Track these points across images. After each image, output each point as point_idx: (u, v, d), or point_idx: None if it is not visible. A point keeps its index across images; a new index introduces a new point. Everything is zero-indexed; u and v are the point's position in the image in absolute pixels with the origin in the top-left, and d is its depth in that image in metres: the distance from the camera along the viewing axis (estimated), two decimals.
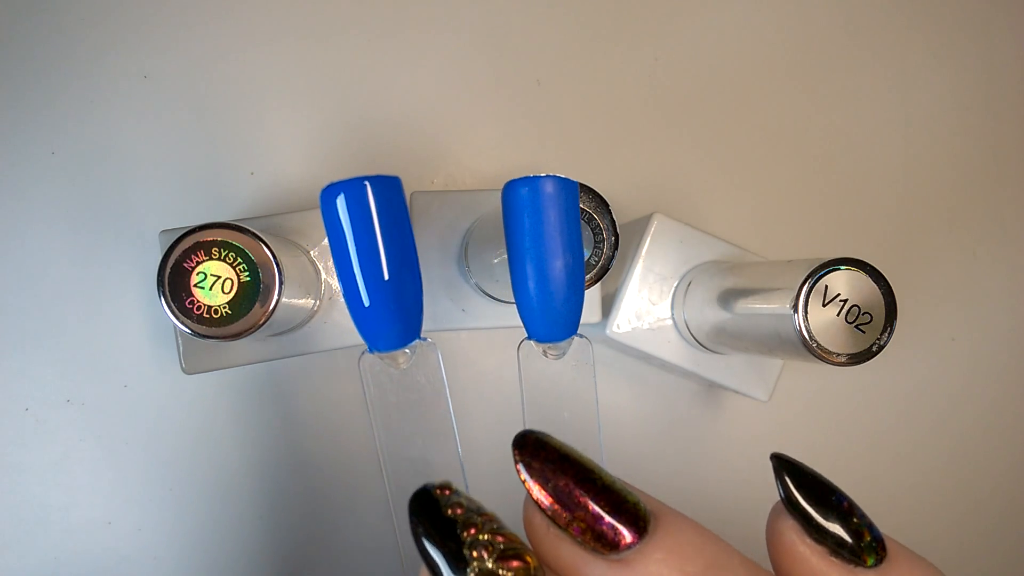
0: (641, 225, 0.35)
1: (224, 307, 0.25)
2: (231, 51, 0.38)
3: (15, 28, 0.36)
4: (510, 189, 0.23)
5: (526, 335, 0.25)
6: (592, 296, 0.33)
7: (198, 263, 0.25)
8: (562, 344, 0.24)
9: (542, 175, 0.22)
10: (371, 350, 0.24)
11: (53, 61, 0.37)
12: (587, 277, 0.28)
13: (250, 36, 0.38)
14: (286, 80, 0.39)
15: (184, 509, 0.37)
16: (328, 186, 0.22)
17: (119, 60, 0.37)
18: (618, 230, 0.27)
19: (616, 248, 0.27)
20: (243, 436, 0.37)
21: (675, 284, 0.34)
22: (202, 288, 0.25)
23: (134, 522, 0.36)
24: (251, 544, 0.37)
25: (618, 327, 0.34)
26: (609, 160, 0.41)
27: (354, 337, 0.32)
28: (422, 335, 0.24)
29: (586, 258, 0.27)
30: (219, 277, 0.25)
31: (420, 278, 0.24)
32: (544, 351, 0.25)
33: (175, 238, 0.25)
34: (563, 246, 0.22)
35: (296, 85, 0.39)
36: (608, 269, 0.28)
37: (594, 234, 0.27)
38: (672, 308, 0.34)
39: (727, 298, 0.30)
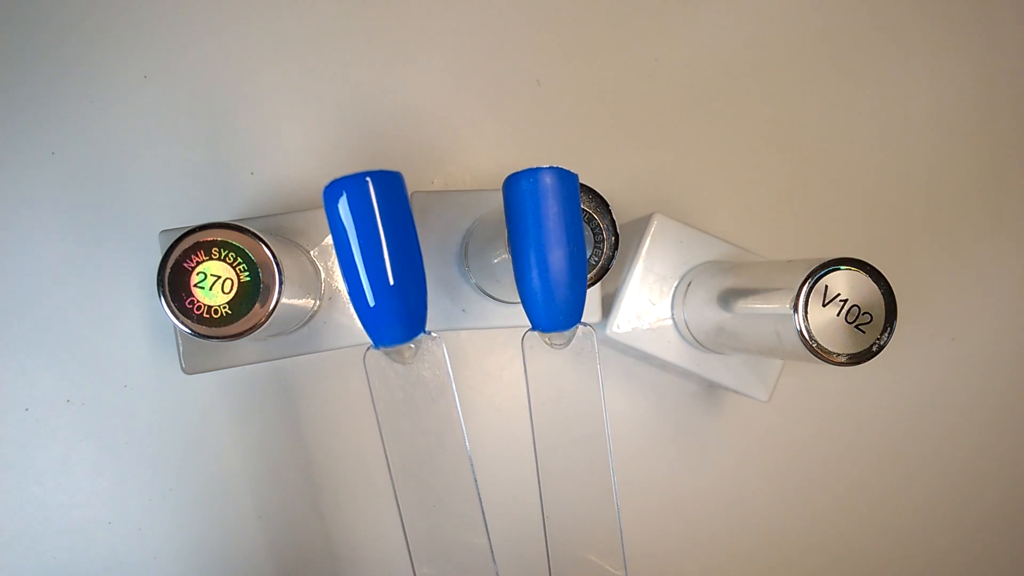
0: (641, 225, 0.35)
1: (224, 307, 0.25)
2: (231, 52, 0.38)
3: (15, 28, 0.36)
4: (512, 182, 0.23)
5: (530, 326, 0.25)
6: (592, 296, 0.33)
7: (198, 263, 0.25)
8: (566, 333, 0.24)
9: (543, 167, 0.22)
10: (376, 346, 0.23)
11: (53, 61, 0.37)
12: (587, 276, 0.28)
13: (250, 37, 0.38)
14: (286, 80, 0.39)
15: (184, 509, 0.37)
16: (331, 183, 0.22)
17: (119, 60, 0.37)
18: (618, 230, 0.27)
19: (616, 248, 0.27)
20: (243, 436, 0.37)
21: (675, 284, 0.34)
22: (202, 288, 0.25)
23: (134, 522, 0.36)
24: (251, 544, 0.37)
25: (618, 327, 0.34)
26: (609, 160, 0.41)
27: (354, 337, 0.32)
28: (426, 329, 0.24)
29: (587, 257, 0.27)
30: (219, 277, 0.25)
31: (423, 272, 0.23)
32: (548, 341, 0.25)
33: (175, 238, 0.25)
34: (565, 236, 0.23)
35: (296, 85, 0.39)
36: (608, 269, 0.28)
37: (594, 234, 0.27)
38: (672, 308, 0.34)
39: (727, 298, 0.30)
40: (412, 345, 0.24)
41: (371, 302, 0.22)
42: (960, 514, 0.44)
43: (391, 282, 0.22)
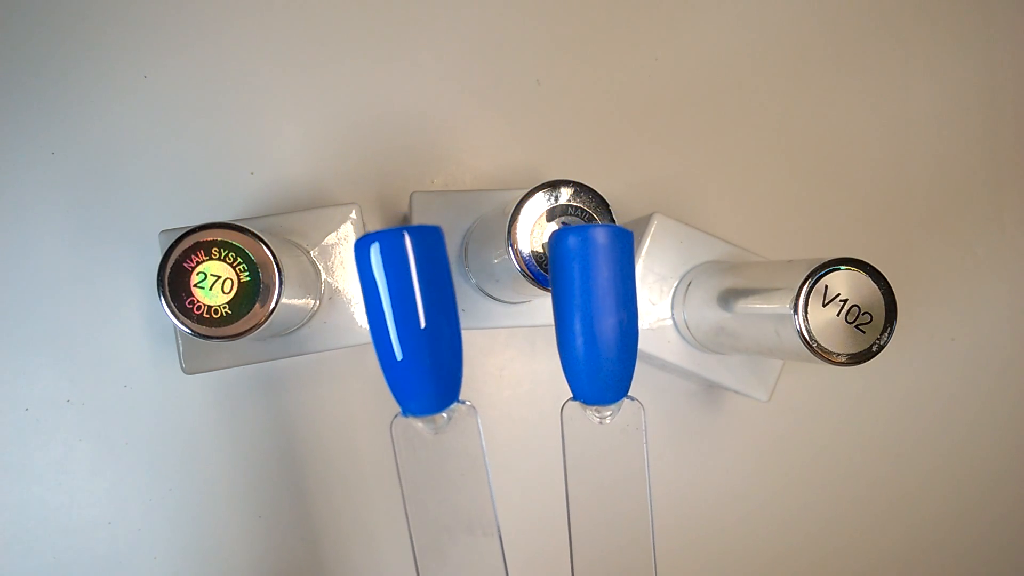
0: (641, 225, 0.35)
1: (224, 307, 0.25)
2: (231, 51, 0.38)
3: (15, 28, 0.36)
4: (558, 240, 0.20)
5: (571, 395, 0.22)
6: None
7: (198, 263, 0.25)
8: (611, 407, 0.22)
9: (595, 224, 0.20)
10: (404, 413, 0.22)
11: (53, 61, 0.37)
12: None
13: (250, 37, 0.38)
14: (286, 80, 0.39)
15: (184, 509, 0.37)
16: (362, 237, 0.20)
17: (119, 60, 0.37)
18: None
19: None
20: (243, 436, 0.37)
21: (675, 284, 0.34)
22: (202, 288, 0.25)
23: (134, 522, 0.36)
24: (250, 544, 0.37)
25: None
26: (609, 160, 0.41)
27: (354, 337, 0.32)
28: (460, 398, 0.22)
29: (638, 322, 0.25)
30: (219, 277, 0.25)
31: (460, 335, 0.21)
32: (594, 414, 0.23)
33: (175, 238, 0.25)
34: (616, 302, 0.20)
35: (296, 85, 0.39)
36: None
37: None
38: (672, 308, 0.34)
39: (727, 298, 0.30)
40: (445, 415, 0.22)
41: (400, 367, 0.20)
42: (960, 514, 0.44)
43: (424, 348, 0.20)
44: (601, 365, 0.21)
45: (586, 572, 0.22)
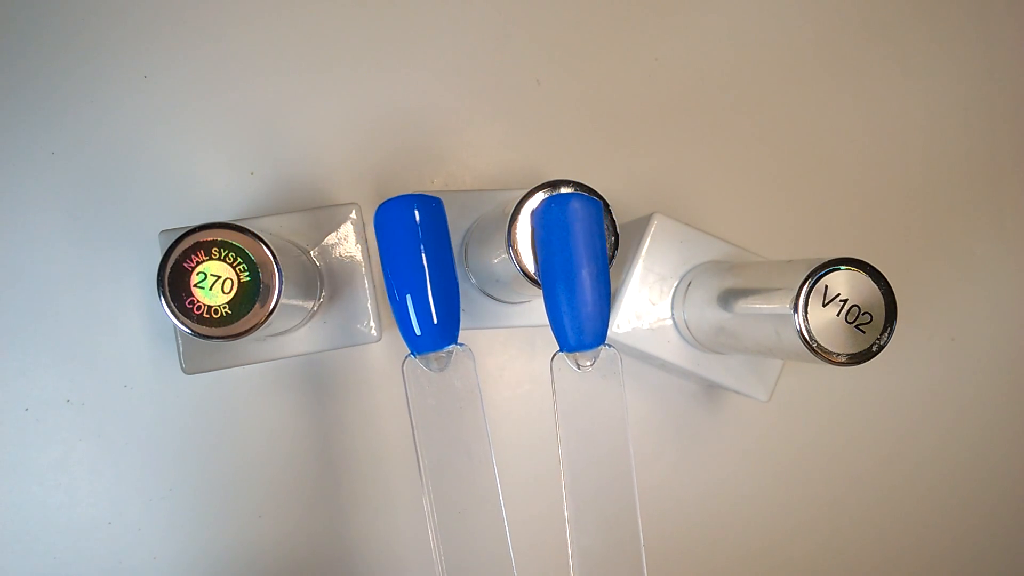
0: (641, 225, 0.35)
1: (224, 307, 0.25)
2: (231, 51, 0.38)
3: (15, 29, 0.36)
4: (542, 208, 0.25)
5: (558, 348, 0.26)
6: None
7: (198, 263, 0.25)
8: (592, 353, 0.26)
9: (568, 192, 0.25)
10: (413, 354, 0.26)
11: (53, 61, 0.37)
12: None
13: (250, 37, 0.38)
14: (286, 80, 0.39)
15: (184, 509, 0.37)
16: (383, 203, 0.26)
17: (119, 60, 0.37)
18: (618, 230, 0.27)
19: (616, 248, 0.27)
20: (243, 436, 0.37)
21: (675, 284, 0.34)
22: (202, 288, 0.25)
23: (134, 522, 0.36)
24: (251, 544, 0.37)
25: (618, 327, 0.34)
26: (609, 160, 0.41)
27: (354, 337, 0.32)
28: (458, 341, 0.26)
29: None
30: (219, 277, 0.25)
31: (457, 285, 0.26)
32: (576, 362, 0.26)
33: (175, 238, 0.25)
34: (587, 257, 0.25)
35: (296, 85, 0.39)
36: None
37: None
38: (672, 308, 0.34)
39: (727, 298, 0.30)
40: (444, 354, 0.26)
41: (413, 314, 0.25)
42: (960, 514, 0.44)
43: (433, 296, 0.25)
44: (579, 314, 0.25)
45: (577, 519, 0.26)
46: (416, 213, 0.25)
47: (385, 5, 0.39)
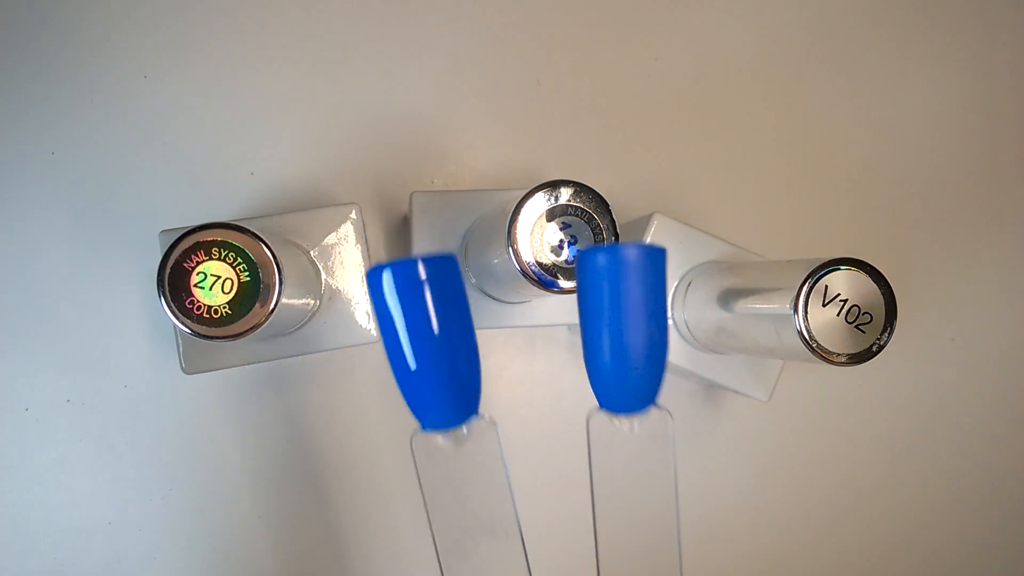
0: (641, 225, 0.35)
1: (224, 307, 0.25)
2: (231, 51, 0.38)
3: (15, 28, 0.36)
4: (586, 259, 0.20)
5: (597, 404, 0.22)
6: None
7: (198, 263, 0.25)
8: (638, 415, 0.22)
9: (626, 244, 0.20)
10: (424, 428, 0.22)
11: (53, 61, 0.37)
12: None
13: (250, 36, 0.38)
14: (286, 80, 0.39)
15: (184, 509, 0.37)
16: (374, 267, 0.20)
17: (119, 60, 0.37)
18: (618, 230, 0.27)
19: None
20: (243, 436, 0.37)
21: (675, 284, 0.34)
22: (202, 288, 0.25)
23: (134, 522, 0.36)
24: (251, 544, 0.37)
25: None
26: (609, 160, 0.41)
27: (354, 337, 0.32)
28: (479, 412, 0.22)
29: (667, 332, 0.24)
30: (219, 277, 0.25)
31: (477, 351, 0.21)
32: (618, 422, 0.22)
33: (175, 238, 0.25)
34: (647, 318, 0.20)
35: (296, 85, 0.39)
36: None
37: (594, 234, 0.27)
38: (672, 308, 0.34)
39: (727, 298, 0.30)
40: (464, 429, 0.22)
41: (418, 384, 0.20)
42: (960, 514, 0.44)
43: (441, 365, 0.20)
44: (629, 377, 0.21)
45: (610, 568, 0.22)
46: (421, 275, 0.20)
47: (386, 5, 0.39)
